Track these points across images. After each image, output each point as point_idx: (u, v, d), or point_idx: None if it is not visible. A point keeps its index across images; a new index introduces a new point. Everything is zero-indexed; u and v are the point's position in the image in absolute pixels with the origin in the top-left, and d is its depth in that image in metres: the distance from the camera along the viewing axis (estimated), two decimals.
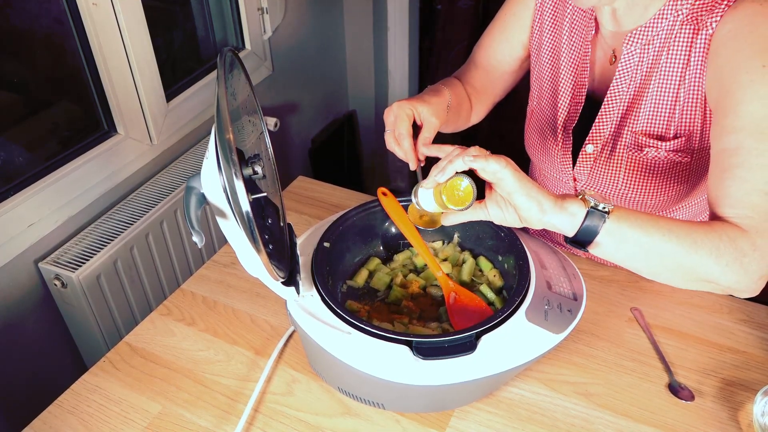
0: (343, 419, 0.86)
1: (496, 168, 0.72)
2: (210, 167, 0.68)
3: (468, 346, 0.76)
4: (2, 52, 1.29)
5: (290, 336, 0.98)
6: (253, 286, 1.07)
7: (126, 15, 1.35)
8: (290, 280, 0.79)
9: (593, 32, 0.98)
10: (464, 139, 2.78)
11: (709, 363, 0.94)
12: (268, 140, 0.83)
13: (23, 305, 1.30)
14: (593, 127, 1.00)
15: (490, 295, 0.95)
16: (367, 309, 0.92)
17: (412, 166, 0.90)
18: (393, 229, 1.02)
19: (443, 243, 1.05)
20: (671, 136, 0.95)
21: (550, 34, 1.05)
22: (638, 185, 1.01)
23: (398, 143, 0.90)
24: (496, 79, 1.15)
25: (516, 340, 0.79)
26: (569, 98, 1.03)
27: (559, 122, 1.05)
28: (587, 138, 1.02)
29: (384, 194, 0.98)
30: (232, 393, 0.90)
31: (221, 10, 1.80)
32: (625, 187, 1.02)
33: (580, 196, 0.75)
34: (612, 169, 1.02)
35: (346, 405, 0.88)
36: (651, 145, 0.96)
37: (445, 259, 1.01)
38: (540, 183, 1.20)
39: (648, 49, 0.92)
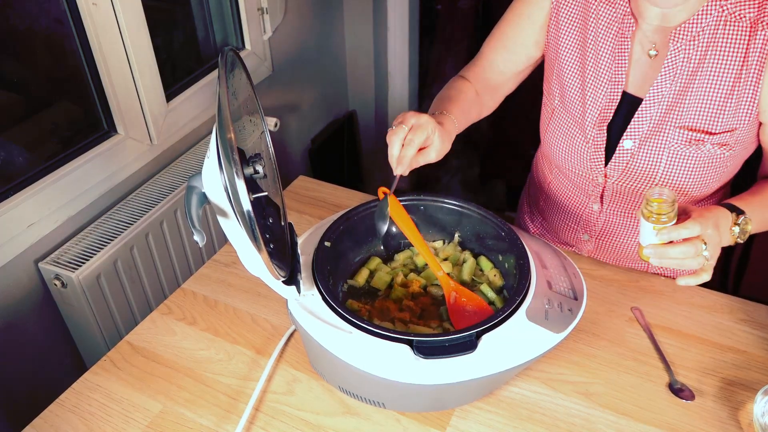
0: (343, 418, 0.86)
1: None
2: (211, 166, 0.68)
3: (468, 346, 0.76)
4: (2, 52, 1.29)
5: (291, 335, 0.98)
6: (254, 285, 1.07)
7: (126, 15, 1.35)
8: (291, 280, 0.79)
9: (634, 28, 0.96)
10: (466, 142, 2.77)
11: (709, 363, 0.94)
12: (269, 140, 0.83)
13: (23, 305, 1.30)
14: (632, 123, 1.00)
15: (491, 294, 0.95)
16: (368, 308, 0.92)
17: (400, 172, 0.92)
18: (394, 229, 1.02)
19: (444, 242, 1.05)
20: (718, 130, 0.96)
21: (574, 32, 1.03)
22: (677, 180, 1.01)
23: (403, 145, 0.90)
24: (509, 79, 1.15)
25: (516, 340, 0.79)
26: (602, 95, 1.02)
27: (588, 119, 1.03)
28: (625, 134, 1.01)
29: (385, 194, 0.98)
30: (233, 392, 0.90)
31: (221, 10, 1.80)
32: (663, 181, 1.01)
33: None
34: (651, 165, 1.01)
35: (346, 404, 0.88)
36: (697, 139, 0.97)
37: (445, 259, 1.01)
38: (553, 180, 1.19)
39: (694, 44, 0.93)
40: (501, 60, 1.13)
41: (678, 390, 0.89)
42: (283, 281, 0.77)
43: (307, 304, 0.83)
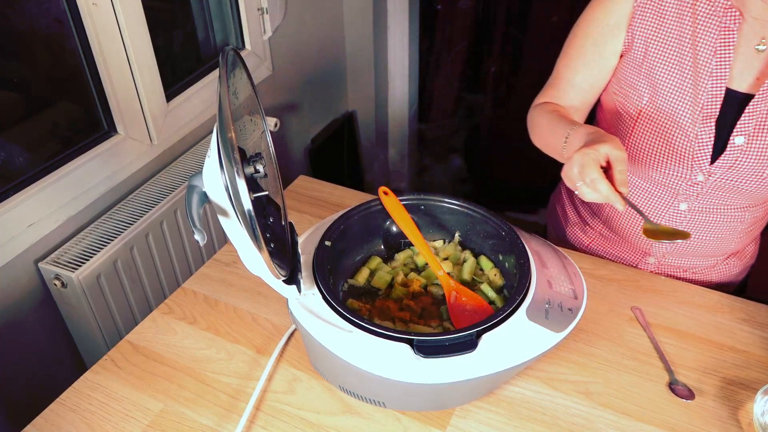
0: (344, 417, 0.86)
1: None
2: (212, 166, 0.68)
3: (469, 345, 0.76)
4: (2, 52, 1.29)
5: (291, 334, 0.98)
6: (255, 284, 1.07)
7: (126, 15, 1.35)
8: (291, 279, 0.79)
9: (741, 21, 0.94)
10: (467, 141, 2.77)
11: (709, 362, 0.94)
12: (269, 139, 0.83)
13: (23, 305, 1.30)
14: (742, 118, 0.97)
15: (491, 294, 0.95)
16: (368, 308, 0.92)
17: (620, 207, 0.85)
18: (394, 228, 1.03)
19: (444, 242, 1.05)
20: None
21: (667, 28, 0.98)
22: None
23: (594, 190, 0.84)
24: (594, 95, 1.10)
25: (517, 339, 0.79)
26: (703, 90, 0.97)
27: (688, 117, 0.99)
28: (735, 130, 0.97)
29: (385, 193, 0.98)
30: (233, 391, 0.90)
31: (221, 10, 1.80)
32: None
33: None
34: (761, 159, 0.98)
35: (347, 403, 0.88)
36: None
37: (446, 258, 1.01)
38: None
39: None
40: (582, 79, 1.07)
41: (678, 389, 0.89)
42: (283, 280, 0.77)
43: (307, 303, 0.83)
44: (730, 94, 0.98)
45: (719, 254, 1.16)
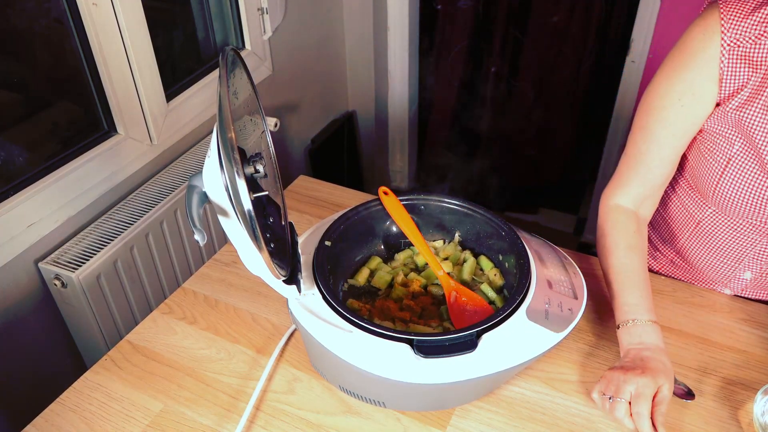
0: (344, 417, 0.86)
1: None
2: (212, 166, 0.68)
3: (469, 345, 0.76)
4: (2, 52, 1.29)
5: (291, 334, 0.98)
6: (255, 284, 1.08)
7: (126, 15, 1.35)
8: (291, 279, 0.79)
9: None
10: (466, 141, 2.77)
11: (709, 362, 0.94)
12: (269, 139, 0.83)
13: (23, 305, 1.30)
14: None
15: (491, 294, 0.95)
16: (368, 308, 0.92)
17: None
18: (394, 228, 1.03)
19: (444, 242, 1.05)
20: None
21: (757, 74, 0.92)
22: None
23: (637, 423, 0.81)
24: (678, 158, 1.03)
25: (517, 339, 0.79)
26: None
27: None
28: None
29: (385, 193, 0.99)
30: (233, 391, 0.90)
31: (221, 10, 1.80)
32: None
33: None
34: None
35: (347, 403, 0.88)
36: None
37: (446, 258, 1.01)
38: (706, 220, 1.05)
39: None
40: (669, 151, 1.00)
41: (677, 389, 0.89)
42: (283, 280, 0.77)
43: (307, 303, 0.83)
44: None
45: None
